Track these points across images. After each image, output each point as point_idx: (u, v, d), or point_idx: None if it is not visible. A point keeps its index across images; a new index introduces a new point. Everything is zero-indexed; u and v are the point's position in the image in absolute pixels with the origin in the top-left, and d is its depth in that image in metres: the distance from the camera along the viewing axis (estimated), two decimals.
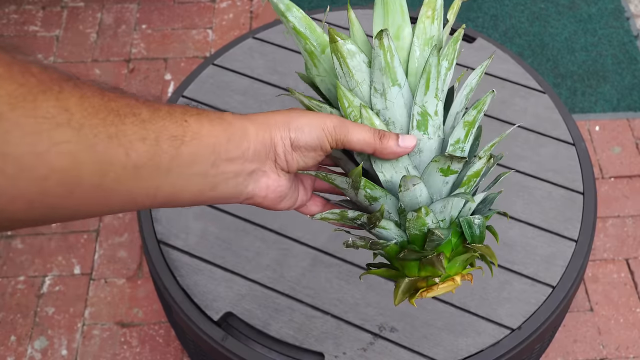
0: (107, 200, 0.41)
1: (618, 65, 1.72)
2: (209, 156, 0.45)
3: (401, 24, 0.49)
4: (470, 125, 0.49)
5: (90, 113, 0.38)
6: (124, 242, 1.44)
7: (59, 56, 1.73)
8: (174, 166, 0.43)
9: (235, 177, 0.47)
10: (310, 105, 0.51)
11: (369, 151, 0.48)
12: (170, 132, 0.42)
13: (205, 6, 1.85)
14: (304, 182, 0.54)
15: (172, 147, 0.42)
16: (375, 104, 0.49)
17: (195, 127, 0.44)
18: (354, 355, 0.83)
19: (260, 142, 0.47)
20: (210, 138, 0.45)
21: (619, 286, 1.37)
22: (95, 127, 0.38)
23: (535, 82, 1.09)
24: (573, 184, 0.97)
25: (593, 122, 1.61)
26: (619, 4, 1.85)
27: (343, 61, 0.48)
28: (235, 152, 0.46)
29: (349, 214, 0.51)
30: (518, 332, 0.84)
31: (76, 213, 0.40)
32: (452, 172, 0.49)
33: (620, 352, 1.30)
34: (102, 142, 0.38)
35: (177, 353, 1.30)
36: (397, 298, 0.52)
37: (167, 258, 0.90)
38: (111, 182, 0.40)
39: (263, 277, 0.89)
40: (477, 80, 0.51)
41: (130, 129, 0.40)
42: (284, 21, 0.50)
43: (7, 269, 1.40)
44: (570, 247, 0.91)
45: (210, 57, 1.14)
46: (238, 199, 0.49)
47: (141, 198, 0.43)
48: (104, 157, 0.39)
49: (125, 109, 0.40)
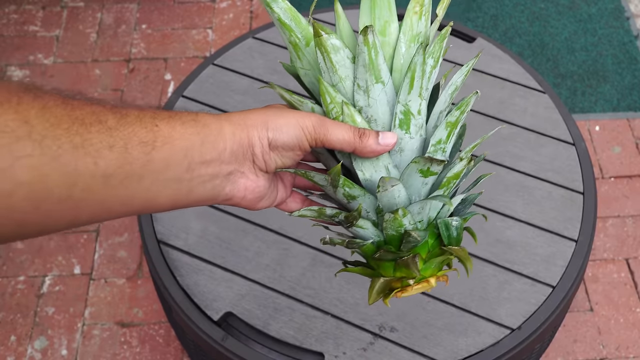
0: (77, 212, 0.40)
1: (618, 65, 1.72)
2: (182, 160, 0.44)
3: (388, 19, 0.49)
4: (452, 126, 0.49)
5: (52, 124, 0.37)
6: (124, 242, 1.44)
7: (59, 56, 1.73)
8: (146, 172, 0.42)
9: (212, 180, 0.46)
10: (292, 100, 0.50)
11: (349, 150, 0.47)
12: (140, 137, 0.41)
13: (205, 6, 1.85)
14: (283, 179, 0.53)
15: (142, 153, 0.41)
16: (357, 100, 0.48)
17: (167, 131, 0.43)
18: (354, 355, 0.83)
19: (238, 142, 0.46)
20: (183, 141, 0.43)
21: (619, 286, 1.37)
22: (59, 138, 0.37)
23: (535, 82, 1.09)
24: (573, 184, 0.97)
25: (593, 122, 1.61)
26: (619, 4, 1.85)
27: (327, 56, 0.47)
28: (211, 154, 0.45)
29: (327, 211, 0.51)
30: (518, 332, 0.84)
31: (45, 228, 0.39)
32: (432, 173, 0.48)
33: (620, 352, 1.30)
34: (67, 152, 0.37)
35: (177, 353, 1.30)
36: (371, 297, 0.52)
37: (167, 258, 0.90)
38: (81, 193, 0.39)
39: (263, 277, 0.89)
40: (462, 79, 0.50)
41: (96, 138, 0.39)
42: (269, 12, 0.49)
43: (7, 269, 1.40)
44: (570, 247, 0.91)
45: (210, 57, 1.14)
46: (216, 200, 0.48)
47: (115, 207, 0.42)
48: (71, 167, 0.38)
49: (90, 117, 0.39)
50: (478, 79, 1.09)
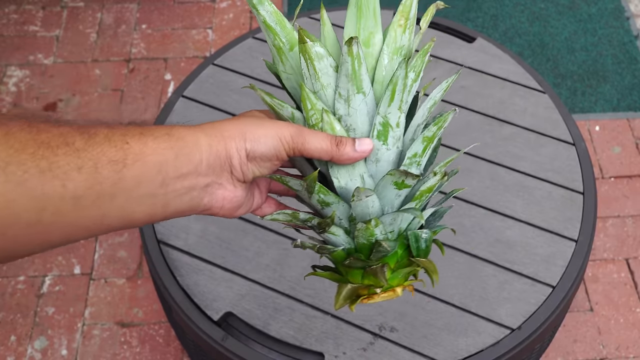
0: (47, 236, 0.40)
1: (618, 65, 1.72)
2: (155, 176, 0.43)
3: (373, 30, 0.49)
4: (429, 141, 0.49)
5: (17, 149, 0.37)
6: (124, 242, 1.44)
7: (59, 56, 1.73)
8: (118, 191, 0.41)
9: (189, 192, 0.46)
10: (272, 104, 0.51)
11: (326, 158, 0.48)
12: (109, 157, 0.41)
13: (205, 6, 1.85)
14: (259, 185, 0.53)
15: (113, 171, 0.41)
16: (338, 109, 0.49)
17: (138, 147, 0.42)
18: (354, 355, 0.83)
19: (214, 154, 0.46)
20: (156, 157, 0.43)
21: (619, 286, 1.37)
22: (24, 163, 0.37)
23: (535, 82, 1.09)
24: (573, 184, 0.97)
25: (593, 122, 1.61)
26: (619, 4, 1.85)
27: (310, 63, 0.48)
28: (187, 167, 0.45)
29: (300, 215, 0.51)
30: (518, 332, 0.84)
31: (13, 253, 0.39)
32: (406, 186, 0.49)
33: (620, 352, 1.30)
34: (33, 177, 0.37)
35: (177, 353, 1.30)
36: (337, 303, 0.53)
37: (167, 258, 0.90)
38: (50, 216, 0.39)
39: (263, 277, 0.89)
40: (441, 95, 0.51)
41: (63, 160, 0.39)
42: (255, 13, 0.50)
43: (7, 269, 1.40)
44: (570, 247, 0.91)
45: (210, 57, 1.14)
46: (195, 212, 0.48)
47: (90, 226, 0.41)
48: (38, 192, 0.37)
49: (57, 140, 0.39)
50: (478, 79, 1.09)
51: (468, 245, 0.91)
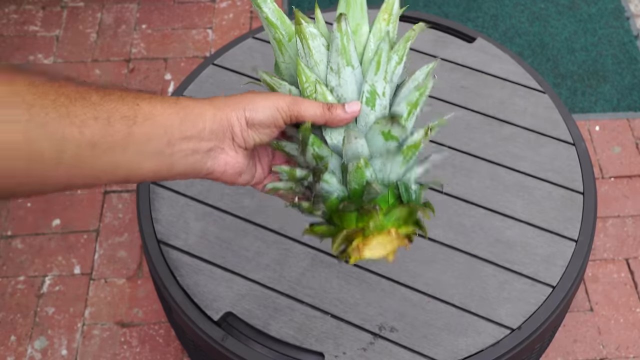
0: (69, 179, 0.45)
1: (618, 65, 1.72)
2: (162, 136, 0.48)
3: (360, 21, 0.56)
4: (412, 106, 0.54)
5: (39, 96, 0.42)
6: (124, 242, 1.44)
7: (59, 56, 1.73)
8: (128, 144, 0.46)
9: (193, 154, 0.51)
10: (272, 82, 0.56)
11: (320, 122, 0.54)
12: (122, 113, 0.46)
13: (205, 6, 1.85)
14: (261, 161, 0.58)
15: (124, 126, 0.46)
16: (330, 81, 0.55)
17: (147, 109, 0.47)
18: (354, 355, 0.83)
19: (217, 122, 0.51)
20: (163, 119, 0.48)
21: (619, 286, 1.37)
22: (46, 107, 0.42)
23: (535, 82, 1.09)
24: (573, 184, 0.97)
25: (593, 122, 1.61)
26: (619, 4, 1.85)
27: (305, 42, 0.54)
28: (191, 131, 0.50)
29: (297, 172, 0.56)
30: (518, 332, 0.84)
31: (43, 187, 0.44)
32: (393, 137, 0.54)
33: (620, 352, 1.30)
34: (54, 120, 0.42)
35: (177, 353, 1.30)
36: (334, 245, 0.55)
37: (167, 258, 0.90)
38: (70, 159, 0.44)
39: (263, 277, 0.89)
40: (424, 77, 0.56)
41: (80, 110, 0.43)
42: (259, 11, 0.56)
43: (7, 269, 1.40)
44: (570, 247, 0.91)
45: (210, 57, 1.14)
46: (199, 175, 0.53)
47: (103, 175, 0.47)
48: (58, 134, 0.42)
49: (75, 94, 0.44)
50: (478, 79, 1.09)
51: (468, 245, 0.91)
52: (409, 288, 0.88)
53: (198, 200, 0.96)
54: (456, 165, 0.99)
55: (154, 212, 0.94)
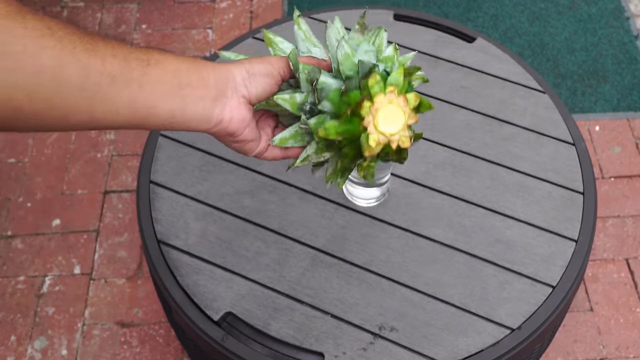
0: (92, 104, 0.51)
1: (618, 65, 1.72)
2: (172, 78, 0.55)
3: None
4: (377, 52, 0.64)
5: (67, 32, 0.49)
6: (124, 242, 1.44)
7: None
8: (144, 82, 0.53)
9: (201, 100, 0.57)
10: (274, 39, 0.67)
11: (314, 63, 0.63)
12: (136, 55, 0.53)
13: (205, 6, 1.85)
14: (266, 130, 0.65)
15: (139, 65, 0.53)
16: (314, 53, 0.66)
17: (158, 56, 0.55)
18: (354, 355, 0.83)
19: (220, 72, 0.58)
20: (173, 65, 0.55)
21: (619, 286, 1.37)
22: (74, 41, 0.49)
23: (535, 82, 1.09)
24: (573, 184, 0.97)
25: (593, 122, 1.61)
26: (619, 4, 1.85)
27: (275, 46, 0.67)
28: (196, 79, 0.57)
29: (297, 98, 0.61)
30: (518, 332, 0.84)
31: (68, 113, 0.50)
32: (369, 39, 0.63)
33: (620, 352, 1.30)
34: (80, 52, 0.49)
35: (177, 353, 1.30)
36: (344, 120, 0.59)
37: (167, 258, 0.90)
38: (93, 86, 0.50)
39: (263, 277, 0.89)
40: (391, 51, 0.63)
41: (102, 47, 0.51)
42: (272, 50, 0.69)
43: (7, 269, 1.40)
44: (570, 247, 0.91)
45: (210, 57, 1.14)
46: (209, 124, 0.59)
47: (124, 111, 0.53)
48: (84, 62, 0.49)
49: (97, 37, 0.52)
50: (478, 79, 1.09)
51: (468, 245, 0.91)
52: (409, 288, 0.88)
53: (198, 200, 0.96)
54: (456, 165, 0.99)
55: (154, 212, 0.94)
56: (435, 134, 1.02)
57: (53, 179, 1.53)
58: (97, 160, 1.56)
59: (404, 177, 0.98)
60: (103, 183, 1.52)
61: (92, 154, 1.57)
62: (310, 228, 0.93)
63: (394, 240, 0.92)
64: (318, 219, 0.94)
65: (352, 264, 0.90)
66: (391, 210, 0.95)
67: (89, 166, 1.55)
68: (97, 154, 1.57)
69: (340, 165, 0.63)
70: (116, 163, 1.55)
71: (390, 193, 0.96)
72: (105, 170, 1.54)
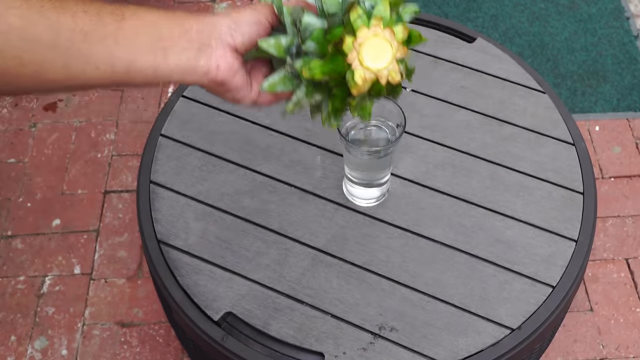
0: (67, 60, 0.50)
1: (618, 65, 1.72)
2: (151, 30, 0.54)
3: None
4: None
5: None
6: (124, 242, 1.44)
7: None
8: (120, 37, 0.52)
9: (184, 51, 0.55)
10: None
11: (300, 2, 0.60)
12: (109, 10, 0.52)
13: (205, 6, 1.85)
14: (258, 78, 0.63)
15: (113, 20, 0.52)
16: None
17: (133, 9, 0.54)
18: (354, 355, 0.83)
19: (202, 24, 0.57)
20: (150, 16, 0.54)
21: (619, 286, 1.37)
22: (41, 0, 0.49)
23: (535, 82, 1.09)
24: (573, 184, 0.97)
25: (593, 122, 1.61)
26: (619, 4, 1.85)
27: None
28: (178, 29, 0.55)
29: (282, 40, 0.58)
30: (518, 332, 0.84)
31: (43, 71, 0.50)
32: None
33: (620, 352, 1.30)
34: (48, 10, 0.49)
35: (177, 353, 1.30)
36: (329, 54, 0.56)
37: (167, 258, 0.90)
38: (66, 42, 0.49)
39: (263, 277, 0.89)
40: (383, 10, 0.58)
41: (72, 4, 0.50)
42: None
43: (7, 269, 1.40)
44: (570, 247, 0.91)
45: None
46: (196, 74, 0.57)
47: (103, 67, 0.52)
48: (53, 20, 0.49)
49: None
50: (478, 79, 1.09)
51: (468, 245, 0.91)
52: (409, 288, 0.88)
53: (198, 200, 0.96)
54: (456, 165, 0.99)
55: (154, 212, 0.94)
56: (435, 134, 1.02)
57: (53, 179, 1.53)
58: (97, 160, 1.56)
59: (404, 177, 0.98)
60: (103, 183, 1.52)
61: (92, 154, 1.57)
62: (310, 228, 0.93)
63: (394, 240, 0.92)
64: (318, 219, 0.94)
65: (352, 264, 0.90)
66: (391, 210, 0.95)
67: (89, 166, 1.55)
68: (97, 154, 1.57)
69: (332, 107, 0.60)
70: (116, 163, 1.56)
71: (390, 193, 0.96)
72: (105, 170, 1.54)
